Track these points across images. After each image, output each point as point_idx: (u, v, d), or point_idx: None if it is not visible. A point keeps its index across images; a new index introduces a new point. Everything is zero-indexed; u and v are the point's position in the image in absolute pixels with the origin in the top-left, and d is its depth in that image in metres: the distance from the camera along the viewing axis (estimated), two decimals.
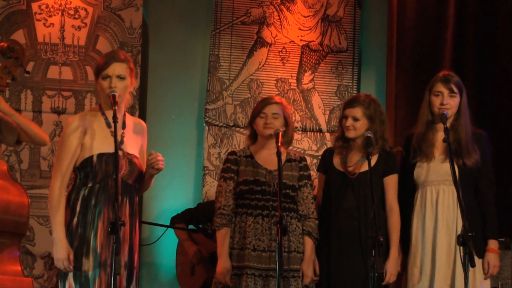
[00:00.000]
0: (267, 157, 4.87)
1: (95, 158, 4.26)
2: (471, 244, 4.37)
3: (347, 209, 4.84)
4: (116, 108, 4.20)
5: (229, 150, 5.14)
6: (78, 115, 4.38)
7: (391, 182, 4.91)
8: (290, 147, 5.10)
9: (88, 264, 4.20)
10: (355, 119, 4.88)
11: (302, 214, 4.87)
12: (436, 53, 6.75)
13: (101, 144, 4.28)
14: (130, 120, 4.50)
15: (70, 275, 4.21)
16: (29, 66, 6.50)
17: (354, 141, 4.92)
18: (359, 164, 4.87)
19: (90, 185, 4.26)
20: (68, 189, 4.32)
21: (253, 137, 4.96)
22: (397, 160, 4.98)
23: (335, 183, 4.92)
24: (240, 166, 4.91)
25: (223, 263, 4.78)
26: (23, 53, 5.15)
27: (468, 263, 4.31)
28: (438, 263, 4.80)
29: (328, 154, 5.05)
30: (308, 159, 6.11)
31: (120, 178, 4.24)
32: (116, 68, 4.30)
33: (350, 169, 4.91)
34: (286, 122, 4.88)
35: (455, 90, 4.88)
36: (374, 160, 4.90)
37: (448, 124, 4.85)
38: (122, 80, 4.31)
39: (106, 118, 4.34)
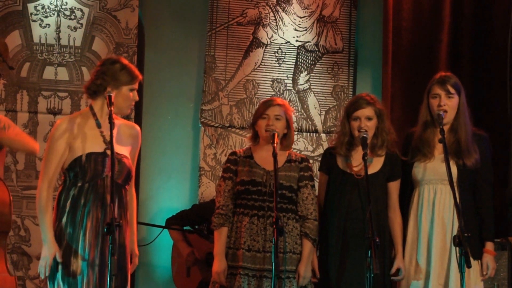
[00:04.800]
0: (267, 158, 4.87)
1: (83, 158, 4.29)
2: (467, 245, 4.38)
3: (352, 210, 4.83)
4: (112, 109, 4.24)
5: (231, 151, 5.15)
6: (67, 117, 4.42)
7: (395, 187, 4.93)
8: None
9: (77, 264, 4.23)
10: (369, 119, 4.88)
11: (301, 215, 4.86)
12: (432, 53, 6.76)
13: (90, 144, 4.32)
14: (121, 122, 4.52)
15: (59, 275, 4.24)
16: (25, 67, 6.50)
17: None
18: (367, 164, 4.83)
19: (79, 184, 4.29)
20: (58, 190, 4.36)
21: (255, 138, 4.97)
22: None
23: (340, 183, 4.91)
24: (239, 166, 4.92)
25: (219, 263, 4.78)
26: (5, 48, 5.14)
27: (464, 264, 4.32)
28: (433, 262, 4.81)
29: (329, 154, 5.03)
30: None
31: (109, 178, 4.28)
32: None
33: (356, 169, 4.90)
34: (288, 124, 4.90)
35: (452, 91, 4.89)
36: (381, 161, 4.91)
37: (448, 125, 4.87)
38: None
39: (96, 119, 4.37)
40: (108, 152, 4.29)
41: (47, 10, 6.56)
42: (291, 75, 6.90)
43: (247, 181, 4.84)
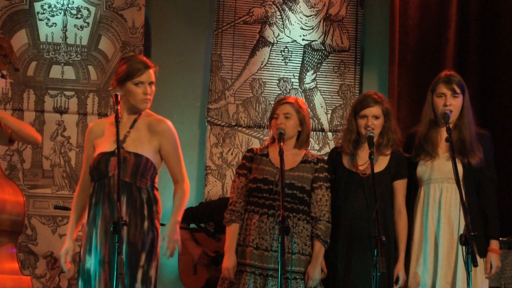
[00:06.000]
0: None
1: (94, 158, 4.43)
2: (473, 244, 4.37)
3: (358, 209, 4.83)
4: (119, 107, 4.29)
5: (248, 148, 5.15)
6: (98, 120, 4.65)
7: (401, 187, 4.93)
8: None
9: (90, 262, 4.33)
10: (376, 118, 4.88)
11: (314, 216, 4.84)
12: (439, 52, 6.75)
13: (106, 144, 4.42)
14: (146, 118, 4.53)
15: (79, 273, 4.39)
16: (32, 66, 6.51)
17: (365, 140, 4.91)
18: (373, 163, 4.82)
19: (93, 184, 4.44)
20: None
21: (273, 137, 4.94)
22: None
23: (346, 183, 4.91)
24: (254, 163, 4.90)
25: (229, 259, 4.79)
26: (11, 50, 5.17)
27: (470, 262, 4.32)
28: (441, 261, 4.81)
29: (335, 154, 5.03)
30: None
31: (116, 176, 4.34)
32: (150, 76, 4.45)
33: (361, 168, 4.90)
34: (301, 123, 4.86)
35: (458, 90, 4.89)
36: (386, 159, 4.92)
37: (451, 124, 4.86)
38: (153, 85, 4.49)
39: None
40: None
41: (54, 9, 6.58)
42: (298, 74, 6.90)
43: (259, 179, 4.82)
